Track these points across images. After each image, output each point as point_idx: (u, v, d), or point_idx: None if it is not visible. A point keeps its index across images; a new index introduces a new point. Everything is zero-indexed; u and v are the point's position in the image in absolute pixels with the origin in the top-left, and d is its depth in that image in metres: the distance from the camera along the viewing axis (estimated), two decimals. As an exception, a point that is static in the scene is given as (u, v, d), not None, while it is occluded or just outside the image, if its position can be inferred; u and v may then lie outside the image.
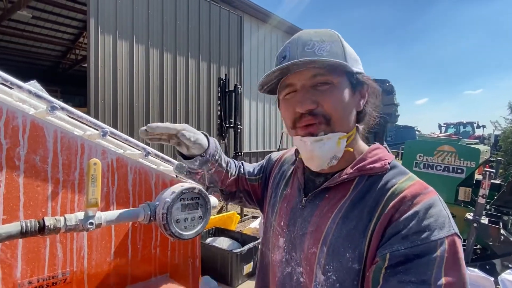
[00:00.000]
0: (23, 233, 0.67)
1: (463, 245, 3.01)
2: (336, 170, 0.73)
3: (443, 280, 0.55)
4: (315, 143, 0.69)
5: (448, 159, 3.29)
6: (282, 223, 0.79)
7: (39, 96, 0.83)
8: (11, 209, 0.80)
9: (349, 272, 0.63)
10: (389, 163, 0.70)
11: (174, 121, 7.47)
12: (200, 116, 8.07)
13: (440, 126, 18.86)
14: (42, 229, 0.69)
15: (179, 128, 0.78)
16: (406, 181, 0.66)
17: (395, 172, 0.69)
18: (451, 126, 18.55)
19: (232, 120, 5.92)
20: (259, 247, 0.89)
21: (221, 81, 6.00)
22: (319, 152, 0.69)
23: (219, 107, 5.96)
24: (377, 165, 0.69)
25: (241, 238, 4.06)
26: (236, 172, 0.99)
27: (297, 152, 0.86)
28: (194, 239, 1.22)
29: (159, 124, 0.75)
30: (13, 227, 0.66)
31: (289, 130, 0.75)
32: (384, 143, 3.95)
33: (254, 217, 6.16)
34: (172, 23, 7.36)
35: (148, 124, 0.74)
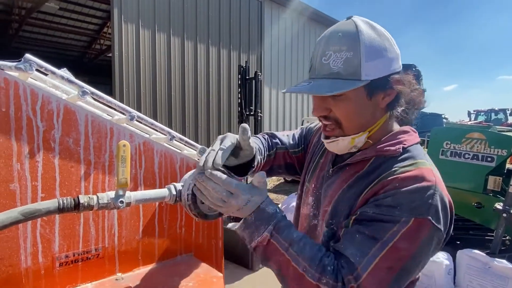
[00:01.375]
0: (60, 209, 0.72)
1: (491, 235, 2.92)
2: (362, 148, 0.82)
3: (391, 243, 0.64)
4: (330, 143, 0.81)
5: (478, 147, 3.14)
6: (313, 185, 0.93)
7: (71, 81, 0.87)
8: (49, 188, 0.86)
9: (341, 226, 0.76)
10: (404, 147, 0.77)
11: (195, 109, 7.58)
12: (220, 103, 8.13)
13: (469, 114, 17.93)
14: (77, 206, 0.74)
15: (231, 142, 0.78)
16: (409, 166, 0.72)
17: (406, 156, 0.76)
18: (482, 113, 17.59)
19: (253, 107, 5.91)
20: (296, 201, 1.04)
21: (242, 69, 5.98)
22: (334, 149, 0.83)
23: (239, 94, 5.96)
24: (392, 148, 0.76)
25: (261, 224, 4.11)
26: (268, 153, 1.05)
27: None
28: (217, 222, 1.25)
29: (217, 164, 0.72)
30: (52, 203, 0.71)
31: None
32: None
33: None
34: (193, 10, 7.36)
35: (211, 175, 0.71)
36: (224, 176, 0.72)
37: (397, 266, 0.65)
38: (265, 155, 1.01)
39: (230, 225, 3.78)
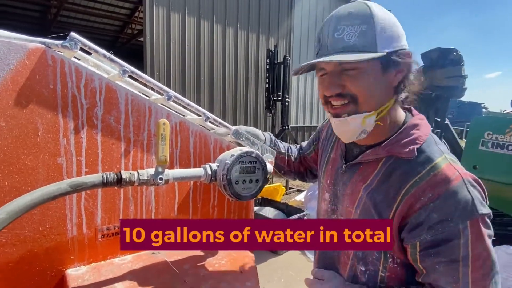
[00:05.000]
0: (104, 183, 0.75)
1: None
2: (370, 143, 0.84)
3: (470, 254, 0.68)
4: (340, 123, 0.79)
5: (523, 138, 2.93)
6: (328, 182, 0.97)
7: (112, 60, 0.89)
8: (92, 163, 0.90)
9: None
10: (417, 149, 0.76)
11: (223, 94, 7.62)
12: (248, 88, 8.10)
13: (512, 103, 16.61)
14: (119, 181, 0.77)
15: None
16: (430, 170, 0.73)
17: (422, 158, 0.76)
18: (527, 103, 16.24)
19: (280, 93, 5.84)
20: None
21: (270, 53, 5.89)
22: (343, 130, 0.81)
23: (267, 79, 5.90)
24: (405, 150, 0.77)
25: (286, 209, 4.13)
26: (298, 155, 1.19)
27: None
28: (248, 204, 1.26)
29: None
30: (96, 177, 0.75)
31: (323, 105, 0.86)
32: (446, 119, 3.63)
33: (299, 191, 6.19)
34: (223, -7, 7.27)
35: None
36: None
37: (487, 269, 0.69)
38: (298, 155, 1.18)
39: (255, 209, 3.83)
